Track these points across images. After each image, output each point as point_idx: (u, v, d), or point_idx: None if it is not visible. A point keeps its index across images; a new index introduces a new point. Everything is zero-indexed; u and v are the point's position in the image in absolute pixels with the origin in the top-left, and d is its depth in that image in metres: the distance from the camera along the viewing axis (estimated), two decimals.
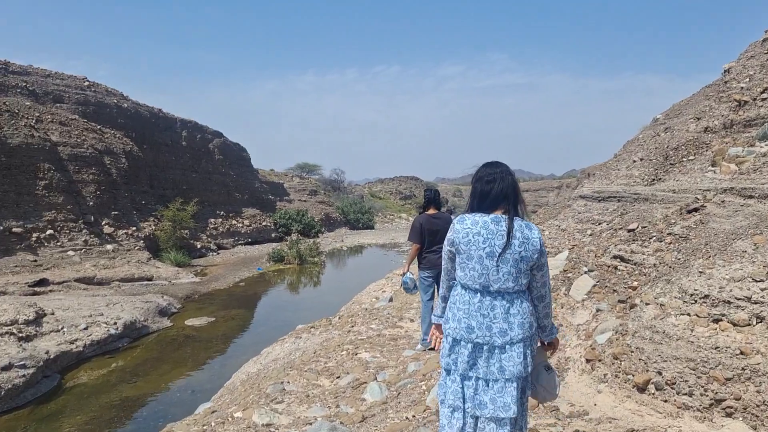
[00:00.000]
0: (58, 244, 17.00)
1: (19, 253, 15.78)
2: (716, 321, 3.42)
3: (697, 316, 3.49)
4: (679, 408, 3.27)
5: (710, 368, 3.22)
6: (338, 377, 4.80)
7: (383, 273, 16.57)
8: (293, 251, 23.09)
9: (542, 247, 2.35)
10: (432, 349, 5.66)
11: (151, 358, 10.51)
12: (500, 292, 2.32)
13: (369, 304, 10.52)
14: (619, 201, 8.94)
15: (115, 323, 11.30)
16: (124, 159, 21.92)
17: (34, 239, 16.41)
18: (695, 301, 3.60)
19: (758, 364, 3.13)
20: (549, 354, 2.58)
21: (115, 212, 19.88)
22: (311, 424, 3.72)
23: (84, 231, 18.08)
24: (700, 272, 3.87)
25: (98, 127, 22.01)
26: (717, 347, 3.26)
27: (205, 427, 4.27)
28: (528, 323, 2.34)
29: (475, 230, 2.32)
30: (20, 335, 9.42)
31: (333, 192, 51.15)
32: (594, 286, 5.85)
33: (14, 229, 16.02)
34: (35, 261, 15.79)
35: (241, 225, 30.29)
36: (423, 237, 5.59)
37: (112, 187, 20.43)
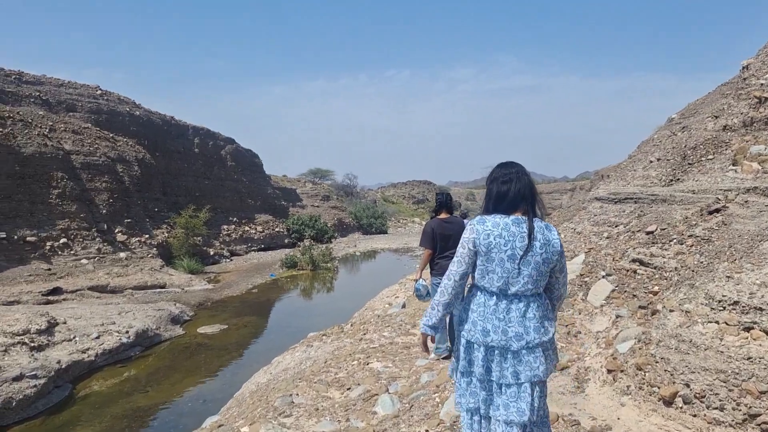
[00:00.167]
0: (72, 252, 17.07)
1: (33, 262, 15.87)
2: (747, 329, 3.21)
3: (726, 324, 3.28)
4: (709, 423, 3.07)
5: (743, 380, 3.02)
6: (349, 389, 4.65)
7: (396, 278, 16.41)
8: (306, 257, 23.04)
9: (562, 248, 2.35)
10: (446, 357, 5.49)
11: (163, 367, 10.45)
12: (517, 295, 2.28)
13: (382, 310, 10.37)
14: (636, 202, 8.69)
15: (127, 332, 11.26)
16: (137, 167, 22.00)
17: (48, 248, 16.49)
18: (724, 308, 3.40)
19: None
20: None
21: (128, 220, 19.95)
22: None
23: (97, 239, 18.15)
24: (727, 277, 3.66)
25: (111, 135, 22.14)
26: (749, 358, 3.05)
27: None
28: (545, 327, 2.31)
29: (496, 232, 2.27)
30: (32, 345, 9.39)
31: (346, 197, 51.11)
32: (613, 291, 5.64)
33: (28, 238, 16.12)
34: (49, 269, 15.85)
35: (254, 231, 30.30)
36: (435, 242, 5.41)
37: (125, 195, 20.50)
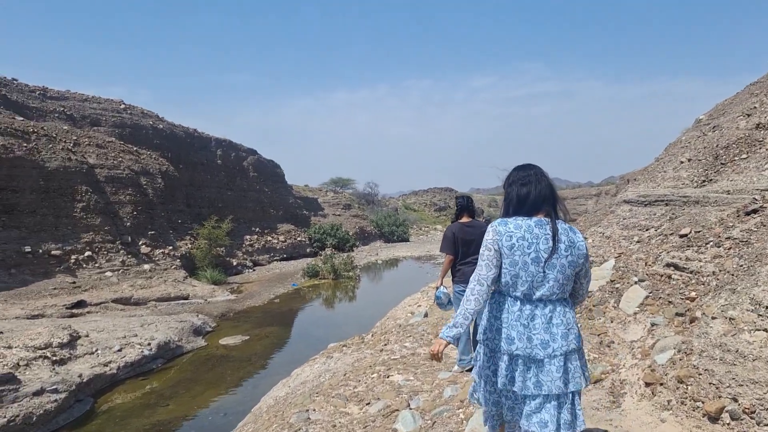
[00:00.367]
0: (96, 265, 17.22)
1: (59, 276, 16.03)
2: None
3: None
4: None
5: None
6: (368, 403, 4.43)
7: (419, 286, 16.17)
8: (327, 266, 22.94)
9: (587, 251, 2.27)
10: (469, 370, 5.24)
11: (184, 380, 10.37)
12: (542, 300, 2.17)
13: (404, 319, 10.15)
14: (667, 204, 8.35)
15: (149, 344, 11.23)
16: (160, 179, 22.19)
17: (73, 261, 16.66)
18: None
19: None
20: None
21: (152, 232, 20.09)
22: None
23: (121, 251, 18.30)
24: None
25: (134, 148, 22.40)
26: None
27: None
28: (573, 335, 2.19)
29: (519, 234, 2.17)
30: (54, 359, 9.39)
31: (367, 205, 51.01)
32: (646, 297, 5.34)
33: (53, 252, 16.30)
34: (74, 283, 15.99)
35: (276, 241, 30.35)
36: (456, 247, 5.15)
37: (149, 207, 20.67)
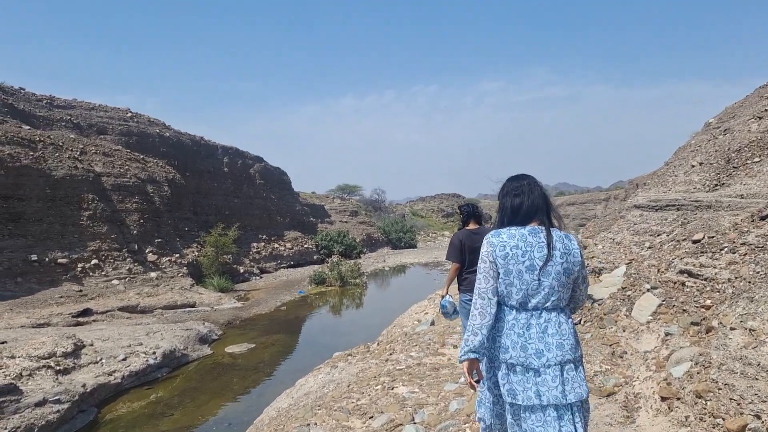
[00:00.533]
0: (103, 273, 17.19)
1: (65, 284, 16.01)
2: None
3: None
4: None
5: None
6: (371, 417, 4.28)
7: (426, 293, 16.02)
8: (334, 273, 22.82)
9: (582, 257, 2.26)
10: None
11: (189, 389, 10.26)
12: (538, 309, 2.17)
13: (410, 327, 10.00)
14: (678, 209, 8.16)
15: (154, 353, 11.14)
16: (167, 187, 22.20)
17: (80, 269, 16.64)
18: None
19: None
20: None
21: (159, 240, 20.06)
22: None
23: (128, 259, 18.27)
24: None
25: (141, 156, 22.44)
26: None
27: None
28: (568, 345, 2.15)
29: (512, 243, 2.19)
30: (57, 368, 9.30)
31: (374, 212, 50.92)
32: (660, 305, 5.17)
33: (60, 260, 16.29)
34: (80, 291, 15.96)
35: (283, 248, 30.30)
36: (463, 255, 4.93)
37: (156, 215, 20.66)
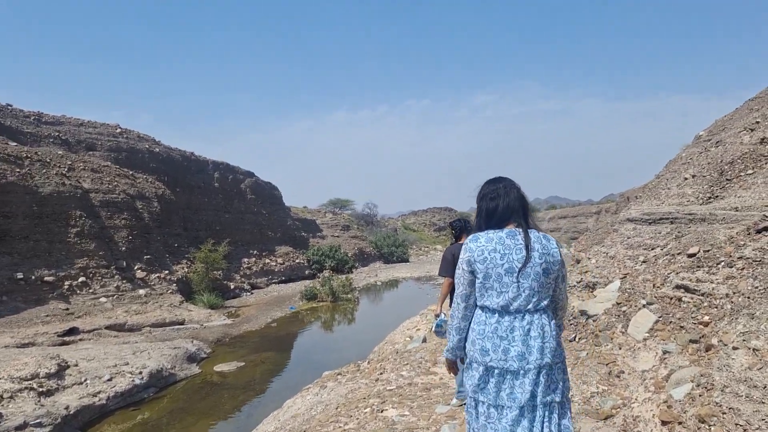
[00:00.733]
0: (90, 291, 16.87)
1: (51, 302, 15.67)
2: None
3: None
4: None
5: None
6: None
7: (418, 308, 15.83)
8: (326, 288, 22.58)
9: (562, 257, 2.26)
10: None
11: (176, 409, 10.01)
12: (520, 311, 2.16)
13: (402, 344, 9.82)
14: (672, 222, 8.08)
15: (141, 372, 10.87)
16: (156, 203, 21.95)
17: (66, 287, 16.32)
18: None
19: None
20: None
21: (148, 256, 19.77)
22: None
23: (116, 277, 17.96)
24: None
25: (130, 172, 22.20)
26: None
27: None
28: (549, 348, 2.13)
29: (490, 247, 2.20)
30: (40, 390, 9.05)
31: (366, 226, 50.74)
32: (656, 321, 5.05)
33: (46, 278, 15.97)
34: (67, 309, 15.63)
35: (274, 263, 30.02)
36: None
37: (145, 231, 20.38)
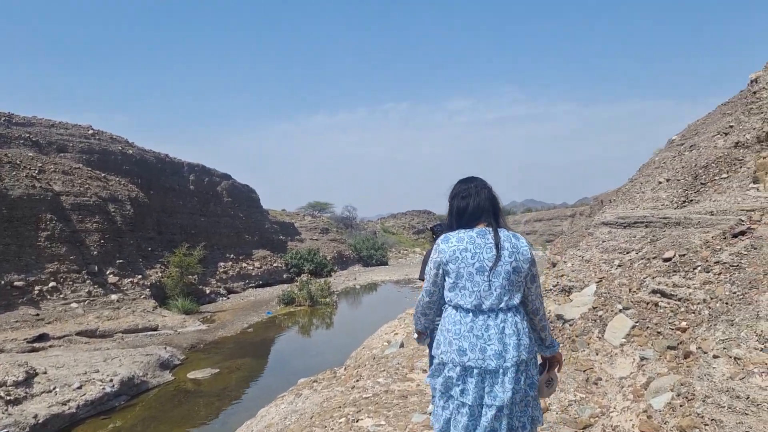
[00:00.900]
0: (61, 296, 16.43)
1: (21, 308, 15.22)
2: None
3: None
4: None
5: None
6: None
7: (397, 312, 15.76)
8: (304, 292, 22.36)
9: (532, 256, 2.28)
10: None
11: (148, 418, 9.77)
12: (493, 310, 2.16)
13: (379, 349, 9.72)
14: (647, 227, 8.13)
15: (111, 380, 10.59)
16: (129, 206, 21.49)
17: (37, 292, 15.87)
18: None
19: None
20: (555, 370, 2.44)
21: (120, 261, 19.34)
22: None
23: (88, 281, 17.53)
24: None
25: (103, 174, 21.71)
26: None
27: None
28: (524, 345, 2.15)
29: (461, 246, 2.21)
30: (8, 398, 8.78)
31: (345, 229, 50.55)
32: (633, 327, 5.03)
33: (16, 283, 15.51)
34: (37, 315, 15.20)
35: (251, 267, 29.66)
36: None
37: (117, 235, 19.94)
